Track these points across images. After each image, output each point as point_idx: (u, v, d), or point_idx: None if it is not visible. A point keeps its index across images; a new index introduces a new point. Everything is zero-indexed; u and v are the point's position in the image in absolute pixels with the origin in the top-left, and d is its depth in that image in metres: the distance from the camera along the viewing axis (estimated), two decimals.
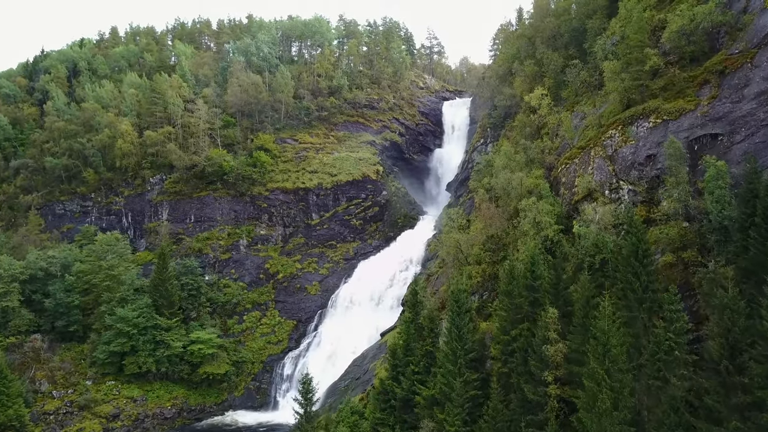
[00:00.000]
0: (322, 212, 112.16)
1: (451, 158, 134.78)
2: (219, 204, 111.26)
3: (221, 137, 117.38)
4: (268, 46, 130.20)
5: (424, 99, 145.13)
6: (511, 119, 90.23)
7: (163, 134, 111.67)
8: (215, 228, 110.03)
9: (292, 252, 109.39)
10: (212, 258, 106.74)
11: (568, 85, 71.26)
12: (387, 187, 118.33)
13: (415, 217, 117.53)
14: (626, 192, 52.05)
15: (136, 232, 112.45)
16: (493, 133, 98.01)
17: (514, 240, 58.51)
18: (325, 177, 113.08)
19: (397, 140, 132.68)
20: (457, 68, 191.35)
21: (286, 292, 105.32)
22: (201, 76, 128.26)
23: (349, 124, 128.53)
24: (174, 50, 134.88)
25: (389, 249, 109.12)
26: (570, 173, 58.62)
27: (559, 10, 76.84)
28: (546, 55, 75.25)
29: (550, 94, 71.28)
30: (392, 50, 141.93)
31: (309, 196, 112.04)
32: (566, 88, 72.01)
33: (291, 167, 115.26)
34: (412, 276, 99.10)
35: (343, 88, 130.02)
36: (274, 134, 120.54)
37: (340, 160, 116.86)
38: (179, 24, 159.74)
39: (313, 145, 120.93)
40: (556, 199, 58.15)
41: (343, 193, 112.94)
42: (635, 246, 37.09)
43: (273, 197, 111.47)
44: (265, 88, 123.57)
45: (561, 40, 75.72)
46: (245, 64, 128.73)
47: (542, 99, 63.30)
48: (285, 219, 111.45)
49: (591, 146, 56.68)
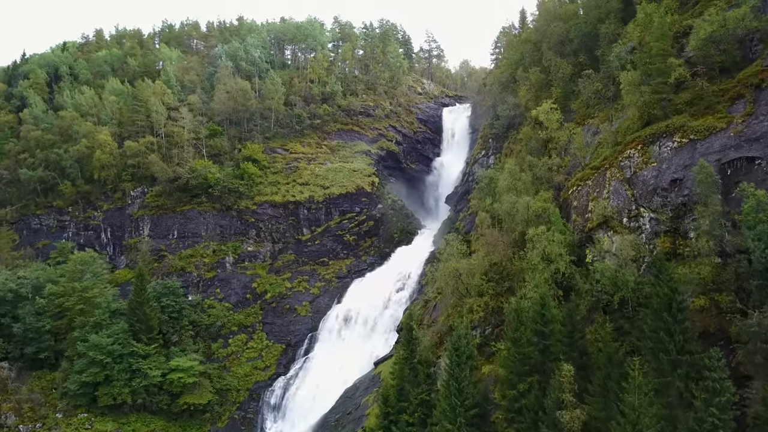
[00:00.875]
0: (314, 227, 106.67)
1: (451, 167, 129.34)
2: (204, 219, 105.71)
3: (207, 147, 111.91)
4: (257, 50, 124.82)
5: (422, 105, 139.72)
6: (515, 130, 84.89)
7: (144, 144, 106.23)
8: (199, 244, 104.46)
9: (282, 270, 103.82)
10: (196, 277, 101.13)
11: (579, 95, 65.90)
12: (383, 199, 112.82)
13: (412, 232, 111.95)
14: (647, 220, 46.60)
15: (116, 248, 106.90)
16: (496, 144, 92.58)
17: (520, 270, 53.00)
18: (316, 189, 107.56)
19: (394, 149, 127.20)
20: (457, 72, 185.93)
21: (274, 314, 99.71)
22: (187, 81, 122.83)
23: (343, 133, 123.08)
24: (159, 54, 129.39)
25: (385, 266, 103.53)
26: (582, 196, 53.14)
27: (567, 14, 71.47)
28: (554, 63, 69.88)
29: (558, 106, 65.86)
30: (389, 54, 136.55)
31: (299, 210, 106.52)
32: (576, 99, 66.66)
33: (281, 179, 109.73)
34: (409, 297, 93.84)
35: (336, 95, 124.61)
36: (264, 144, 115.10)
37: (332, 171, 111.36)
38: (167, 26, 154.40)
39: (304, 155, 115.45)
40: (566, 225, 52.66)
41: (336, 206, 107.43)
42: (668, 298, 31.51)
43: (261, 211, 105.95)
44: (254, 94, 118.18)
45: (570, 45, 70.35)
46: (234, 70, 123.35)
47: (551, 113, 57.68)
48: (274, 234, 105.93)
49: (606, 167, 51.24)
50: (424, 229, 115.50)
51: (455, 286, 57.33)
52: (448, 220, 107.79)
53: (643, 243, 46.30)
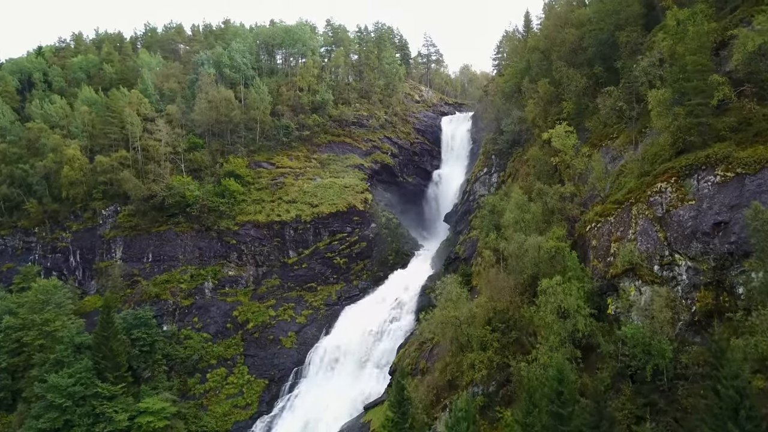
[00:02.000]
0: (301, 249, 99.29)
1: (451, 181, 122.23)
2: (181, 240, 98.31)
3: (186, 161, 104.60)
4: (243, 56, 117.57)
5: (419, 114, 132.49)
6: (521, 147, 77.78)
7: (116, 159, 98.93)
8: (176, 269, 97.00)
9: (265, 296, 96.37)
10: (171, 305, 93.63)
11: (595, 112, 58.66)
12: (376, 218, 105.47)
13: (408, 254, 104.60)
14: (684, 270, 39.27)
15: (86, 272, 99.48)
16: (499, 161, 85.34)
17: (530, 320, 45.62)
18: (304, 208, 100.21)
19: (389, 162, 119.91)
20: (457, 77, 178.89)
21: (257, 345, 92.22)
22: (167, 90, 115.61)
23: (334, 145, 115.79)
24: (138, 60, 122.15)
25: (378, 292, 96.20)
26: (603, 235, 45.78)
27: (581, 19, 64.20)
28: (565, 74, 62.62)
29: (570, 123, 58.61)
30: (384, 60, 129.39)
31: (285, 230, 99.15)
32: (591, 116, 59.43)
33: (265, 196, 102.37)
34: (404, 330, 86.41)
35: (327, 104, 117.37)
36: (248, 157, 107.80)
37: (322, 187, 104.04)
38: (149, 30, 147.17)
39: (292, 169, 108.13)
40: (584, 269, 45.30)
41: (325, 226, 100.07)
42: (734, 403, 24.11)
43: (243, 232, 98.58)
44: (238, 104, 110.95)
45: (583, 55, 63.14)
46: (217, 77, 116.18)
47: (566, 138, 50.27)
48: (257, 257, 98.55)
49: (632, 201, 43.93)
50: (422, 250, 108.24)
51: (454, 334, 49.97)
52: (447, 241, 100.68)
53: (679, 297, 39.03)
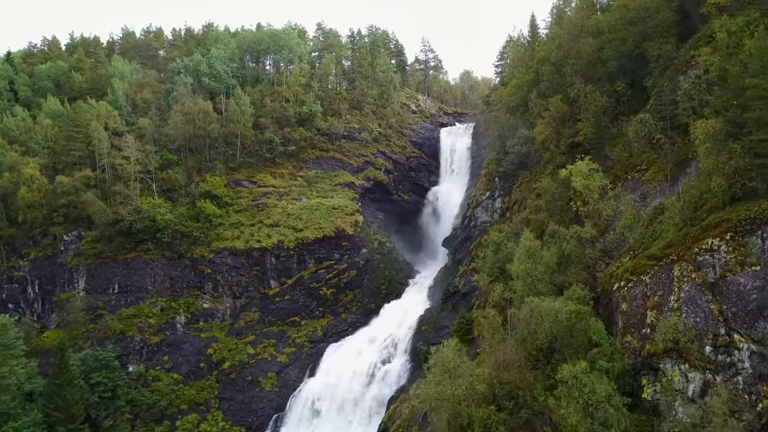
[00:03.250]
0: (283, 279, 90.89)
1: (450, 198, 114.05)
2: (151, 269, 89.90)
3: (158, 181, 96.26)
4: (223, 64, 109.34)
5: (416, 126, 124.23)
6: (529, 171, 69.44)
7: (80, 180, 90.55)
8: (145, 301, 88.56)
9: (244, 331, 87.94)
10: (139, 342, 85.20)
11: (617, 136, 50.49)
12: (368, 242, 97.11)
13: (403, 282, 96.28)
14: (746, 355, 31.00)
15: (45, 304, 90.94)
16: (503, 184, 77.05)
17: (545, 404, 37.21)
18: (287, 233, 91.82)
19: (383, 179, 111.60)
20: (457, 84, 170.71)
21: (233, 387, 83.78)
22: (140, 101, 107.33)
23: (323, 161, 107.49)
24: (110, 68, 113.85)
25: (369, 328, 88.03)
26: (636, 298, 37.42)
27: (599, 27, 56.00)
28: (581, 91, 54.35)
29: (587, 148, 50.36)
30: (378, 67, 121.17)
31: (266, 258, 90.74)
32: (613, 140, 51.22)
33: (245, 219, 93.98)
34: (397, 374, 78.05)
35: (316, 116, 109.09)
36: (227, 175, 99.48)
37: (308, 209, 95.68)
38: (126, 34, 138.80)
39: (275, 188, 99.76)
40: (612, 341, 36.95)
41: (311, 253, 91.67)
42: None
43: (220, 260, 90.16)
44: (218, 116, 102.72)
45: (603, 68, 54.84)
46: (195, 87, 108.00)
47: (590, 177, 41.73)
48: (235, 288, 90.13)
49: (673, 258, 35.64)
50: (418, 277, 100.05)
51: (452, 412, 41.50)
52: (446, 269, 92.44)
53: (739, 390, 30.71)
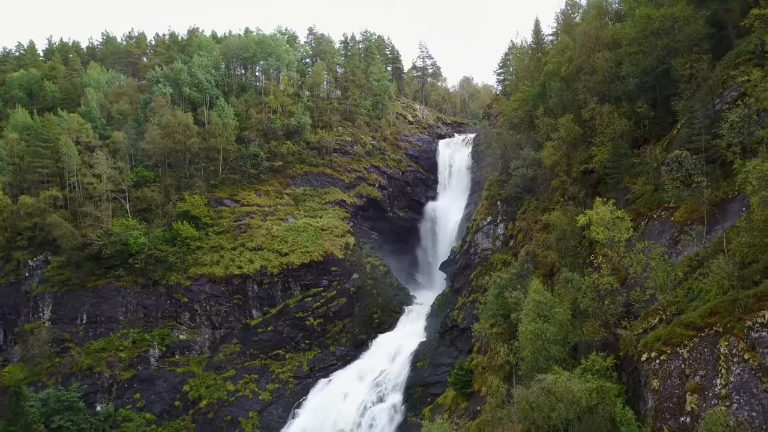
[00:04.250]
0: (267, 308, 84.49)
1: (448, 214, 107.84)
2: (122, 297, 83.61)
3: (133, 200, 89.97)
4: (206, 72, 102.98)
5: (413, 138, 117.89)
6: (535, 197, 63.12)
7: (46, 200, 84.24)
8: (116, 332, 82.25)
9: (223, 365, 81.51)
10: (108, 378, 78.84)
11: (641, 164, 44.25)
12: (359, 266, 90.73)
13: (397, 310, 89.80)
14: None
15: (8, 335, 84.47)
16: (507, 208, 70.72)
17: None
18: (271, 257, 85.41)
19: (377, 195, 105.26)
20: (456, 91, 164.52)
21: (211, 428, 77.40)
22: (115, 112, 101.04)
23: (312, 177, 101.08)
24: (85, 76, 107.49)
25: (360, 361, 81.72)
26: (670, 375, 31.07)
27: (616, 38, 49.75)
28: (597, 112, 48.07)
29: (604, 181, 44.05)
30: (372, 76, 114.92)
31: (248, 285, 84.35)
32: (633, 169, 45.00)
33: (226, 242, 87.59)
34: (389, 414, 71.62)
35: (305, 128, 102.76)
36: (208, 193, 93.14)
37: (294, 230, 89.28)
38: (107, 39, 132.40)
39: (259, 208, 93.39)
40: (640, 426, 30.60)
41: (297, 279, 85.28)
42: None
43: (197, 288, 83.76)
44: (200, 129, 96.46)
45: (621, 86, 48.53)
46: (175, 97, 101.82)
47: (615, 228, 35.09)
48: (214, 318, 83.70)
49: (718, 330, 29.40)
50: (414, 303, 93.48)
51: None
52: (443, 297, 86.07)
53: None
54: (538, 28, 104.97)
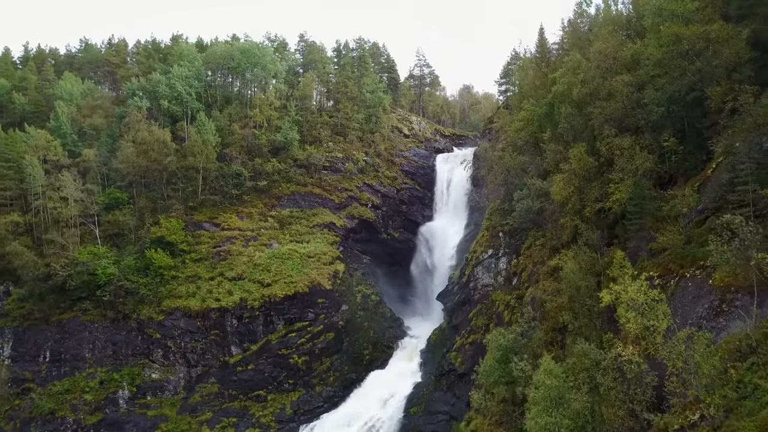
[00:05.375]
0: (247, 344, 78.10)
1: (447, 235, 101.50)
2: (89, 333, 77.28)
3: (103, 225, 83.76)
4: (187, 84, 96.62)
5: (409, 152, 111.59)
6: (542, 232, 56.85)
7: (6, 226, 77.93)
8: (82, 371, 75.91)
9: (199, 407, 75.02)
10: (72, 423, 72.44)
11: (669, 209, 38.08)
12: (349, 296, 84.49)
13: (390, 345, 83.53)
14: None
15: None
16: (510, 241, 64.37)
17: None
18: (252, 288, 79.05)
19: (370, 217, 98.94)
20: (455, 99, 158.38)
21: None
22: (88, 127, 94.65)
23: (299, 197, 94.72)
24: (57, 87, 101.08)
25: (348, 403, 75.45)
26: None
27: (636, 59, 43.52)
28: (615, 145, 41.88)
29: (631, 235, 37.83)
30: (366, 87, 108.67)
31: (226, 319, 77.99)
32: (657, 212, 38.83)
33: (203, 271, 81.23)
34: None
35: (292, 144, 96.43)
36: (186, 216, 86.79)
37: (278, 258, 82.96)
38: (86, 46, 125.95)
39: (241, 232, 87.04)
40: None
41: (280, 313, 78.95)
42: None
43: (171, 323, 77.37)
44: (178, 146, 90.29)
45: (644, 114, 42.27)
46: (154, 111, 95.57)
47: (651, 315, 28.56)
48: (189, 356, 77.27)
49: None
50: (408, 336, 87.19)
51: None
52: (441, 332, 79.80)
53: None
54: (542, 38, 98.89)
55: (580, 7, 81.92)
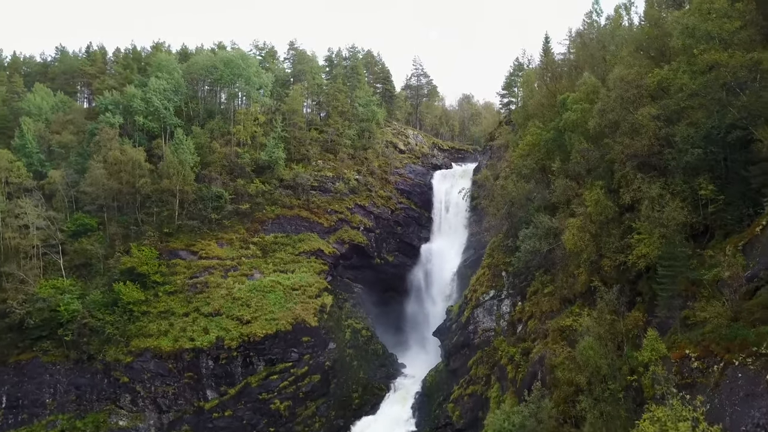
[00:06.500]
0: (224, 387, 71.60)
1: (445, 259, 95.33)
2: (50, 376, 70.83)
3: (69, 254, 77.45)
4: (164, 98, 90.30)
5: (404, 169, 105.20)
6: (550, 275, 50.60)
7: None
8: (42, 419, 69.38)
9: None
10: None
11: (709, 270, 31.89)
12: (337, 333, 78.20)
13: (382, 387, 77.26)
14: None
15: None
16: (514, 281, 57.97)
17: None
18: (230, 326, 72.65)
19: (362, 241, 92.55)
20: (454, 109, 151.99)
21: None
22: (56, 145, 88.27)
23: (285, 221, 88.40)
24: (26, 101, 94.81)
25: None
26: None
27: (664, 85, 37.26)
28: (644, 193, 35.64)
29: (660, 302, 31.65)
30: (358, 100, 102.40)
31: (201, 361, 71.55)
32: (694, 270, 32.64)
33: (177, 306, 74.84)
34: None
35: (277, 164, 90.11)
36: (160, 243, 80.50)
37: (260, 291, 76.61)
38: (62, 54, 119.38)
39: (220, 261, 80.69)
40: None
41: (260, 353, 72.52)
42: None
43: (140, 365, 70.90)
44: (155, 166, 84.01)
45: (675, 155, 35.97)
46: (128, 127, 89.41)
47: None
48: (160, 401, 70.75)
49: None
50: (403, 375, 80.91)
51: None
52: (437, 374, 73.59)
53: None
54: (547, 48, 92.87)
55: (590, 17, 76.14)
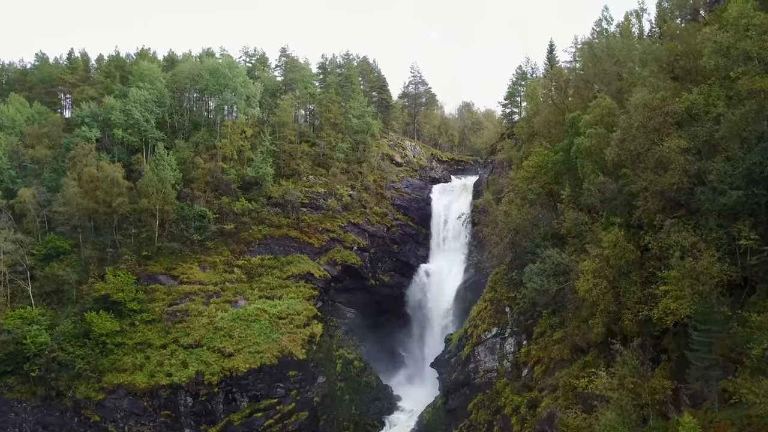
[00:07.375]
0: (204, 426, 66.66)
1: (444, 279, 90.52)
2: (16, 414, 66.01)
3: (39, 280, 72.59)
4: (145, 109, 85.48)
5: (401, 183, 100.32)
6: (560, 316, 45.74)
7: None
8: None
9: None
10: None
11: None
12: (327, 365, 73.34)
13: (375, 424, 72.28)
14: None
15: None
16: (519, 318, 53.04)
17: None
18: (211, 359, 67.75)
19: (355, 262, 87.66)
20: (454, 117, 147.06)
21: None
22: (29, 160, 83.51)
23: (272, 242, 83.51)
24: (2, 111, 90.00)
25: None
26: None
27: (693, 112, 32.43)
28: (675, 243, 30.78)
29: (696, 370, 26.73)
30: (352, 111, 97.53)
31: (179, 398, 66.65)
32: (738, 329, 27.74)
33: (154, 336, 69.97)
34: None
35: (265, 180, 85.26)
36: (138, 267, 75.64)
37: (243, 320, 71.71)
38: (41, 61, 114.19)
39: (202, 286, 75.80)
40: None
41: (243, 389, 67.59)
42: None
43: (113, 403, 66.00)
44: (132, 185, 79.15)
45: (709, 195, 31.09)
46: (106, 141, 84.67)
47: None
48: None
49: None
50: (398, 410, 75.94)
51: None
52: (435, 410, 68.54)
53: None
54: (552, 57, 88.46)
55: (599, 26, 71.58)
